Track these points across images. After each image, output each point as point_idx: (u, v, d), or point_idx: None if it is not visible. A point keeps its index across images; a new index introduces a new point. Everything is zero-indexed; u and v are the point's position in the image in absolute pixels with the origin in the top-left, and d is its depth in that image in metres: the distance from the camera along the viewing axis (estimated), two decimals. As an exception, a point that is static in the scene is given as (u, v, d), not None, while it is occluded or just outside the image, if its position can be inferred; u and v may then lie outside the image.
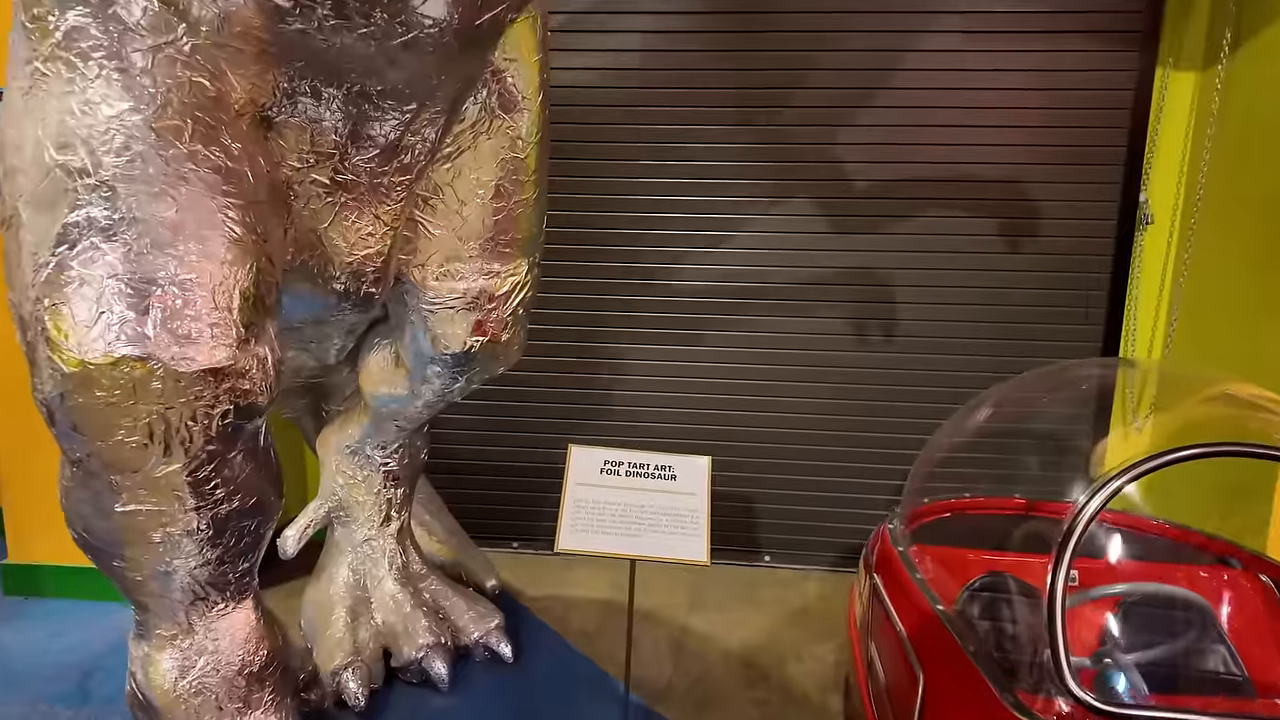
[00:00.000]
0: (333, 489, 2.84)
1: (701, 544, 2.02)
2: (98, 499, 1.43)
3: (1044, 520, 2.55)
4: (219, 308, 1.38)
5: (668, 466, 2.13)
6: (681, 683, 2.93)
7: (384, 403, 2.58)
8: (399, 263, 2.10)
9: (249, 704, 1.74)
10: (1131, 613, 1.93)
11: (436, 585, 2.94)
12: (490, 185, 2.06)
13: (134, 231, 1.31)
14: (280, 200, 1.64)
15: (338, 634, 2.66)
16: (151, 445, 1.37)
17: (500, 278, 2.20)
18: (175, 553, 1.54)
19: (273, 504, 1.70)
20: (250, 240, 1.46)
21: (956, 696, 1.65)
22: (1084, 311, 3.60)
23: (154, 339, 1.31)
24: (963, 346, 3.70)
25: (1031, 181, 3.54)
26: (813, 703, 2.82)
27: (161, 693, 1.65)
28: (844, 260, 3.69)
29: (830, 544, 3.93)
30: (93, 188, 1.30)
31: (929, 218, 3.61)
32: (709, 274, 3.78)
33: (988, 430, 2.50)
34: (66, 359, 1.27)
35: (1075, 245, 3.57)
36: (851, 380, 3.79)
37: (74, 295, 1.27)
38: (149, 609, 1.63)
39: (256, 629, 1.76)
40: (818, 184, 3.63)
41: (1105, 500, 1.53)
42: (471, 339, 2.25)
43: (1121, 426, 3.08)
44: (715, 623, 3.38)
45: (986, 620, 1.88)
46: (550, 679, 2.70)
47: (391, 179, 1.86)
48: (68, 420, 1.32)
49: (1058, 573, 1.45)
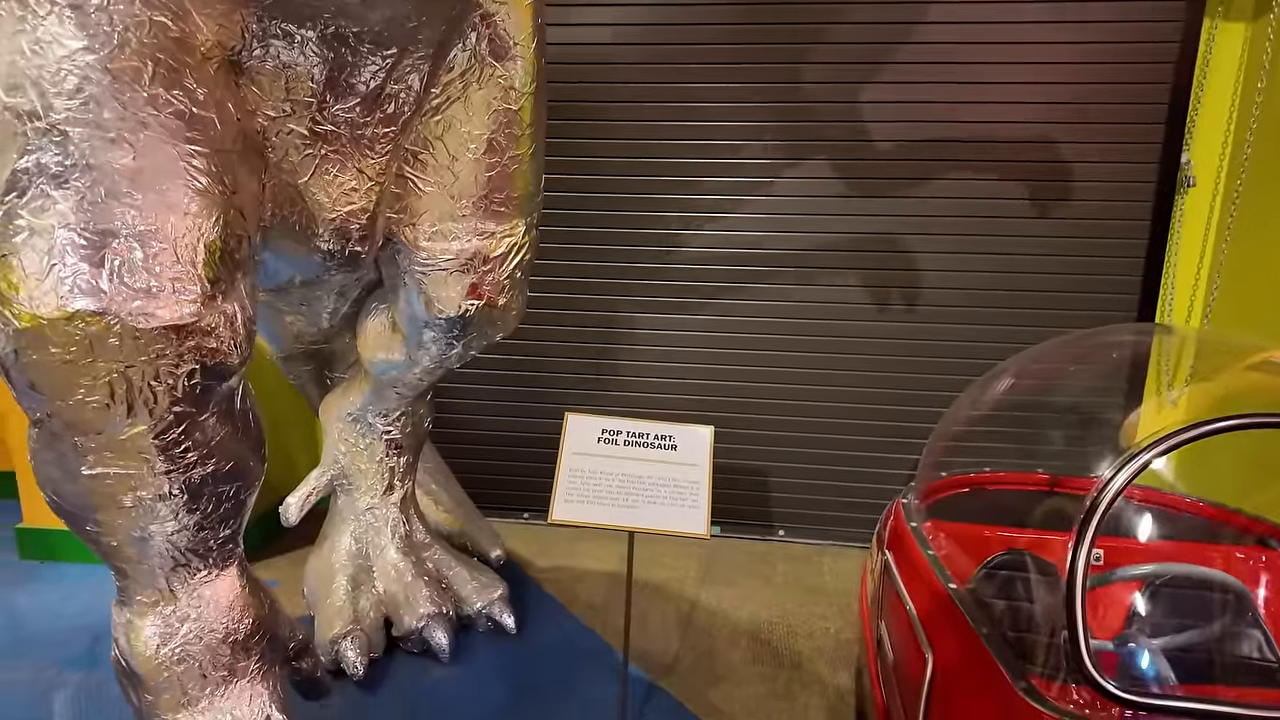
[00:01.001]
0: (335, 456, 2.80)
1: (701, 517, 1.93)
2: (63, 461, 1.38)
3: (1068, 497, 2.42)
4: (181, 261, 1.30)
5: (668, 436, 2.04)
6: (688, 657, 2.87)
7: (382, 369, 2.52)
8: (389, 222, 2.02)
9: (234, 672, 1.69)
10: (1160, 595, 1.81)
11: (440, 555, 2.91)
12: (482, 139, 1.96)
13: (87, 179, 1.23)
14: (254, 151, 1.56)
15: (338, 602, 2.64)
16: (114, 405, 1.31)
17: (495, 238, 2.11)
18: (150, 518, 1.49)
19: (253, 469, 1.64)
20: (217, 191, 1.38)
21: (966, 680, 1.55)
22: (1117, 279, 3.42)
23: (110, 293, 1.24)
24: (987, 315, 3.54)
25: (1064, 141, 3.35)
26: (822, 680, 2.75)
27: (144, 659, 1.61)
28: (862, 225, 3.54)
29: (846, 519, 3.83)
30: (43, 131, 1.22)
31: (953, 180, 3.44)
32: (720, 239, 3.65)
33: (1009, 402, 2.37)
34: (18, 313, 1.21)
35: (1110, 209, 3.38)
36: (869, 351, 3.66)
37: (24, 246, 1.21)
38: (128, 575, 1.59)
39: (241, 596, 1.71)
40: (835, 145, 3.48)
41: (1133, 474, 1.41)
42: (467, 302, 2.16)
43: (1156, 396, 2.92)
44: (724, 597, 3.31)
45: (1002, 600, 1.77)
46: (553, 651, 2.65)
47: (375, 131, 1.77)
48: (24, 379, 1.26)
49: (1079, 549, 1.34)
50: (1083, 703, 1.30)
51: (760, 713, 2.56)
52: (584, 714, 2.30)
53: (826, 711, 2.58)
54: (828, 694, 2.67)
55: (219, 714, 1.66)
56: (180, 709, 1.63)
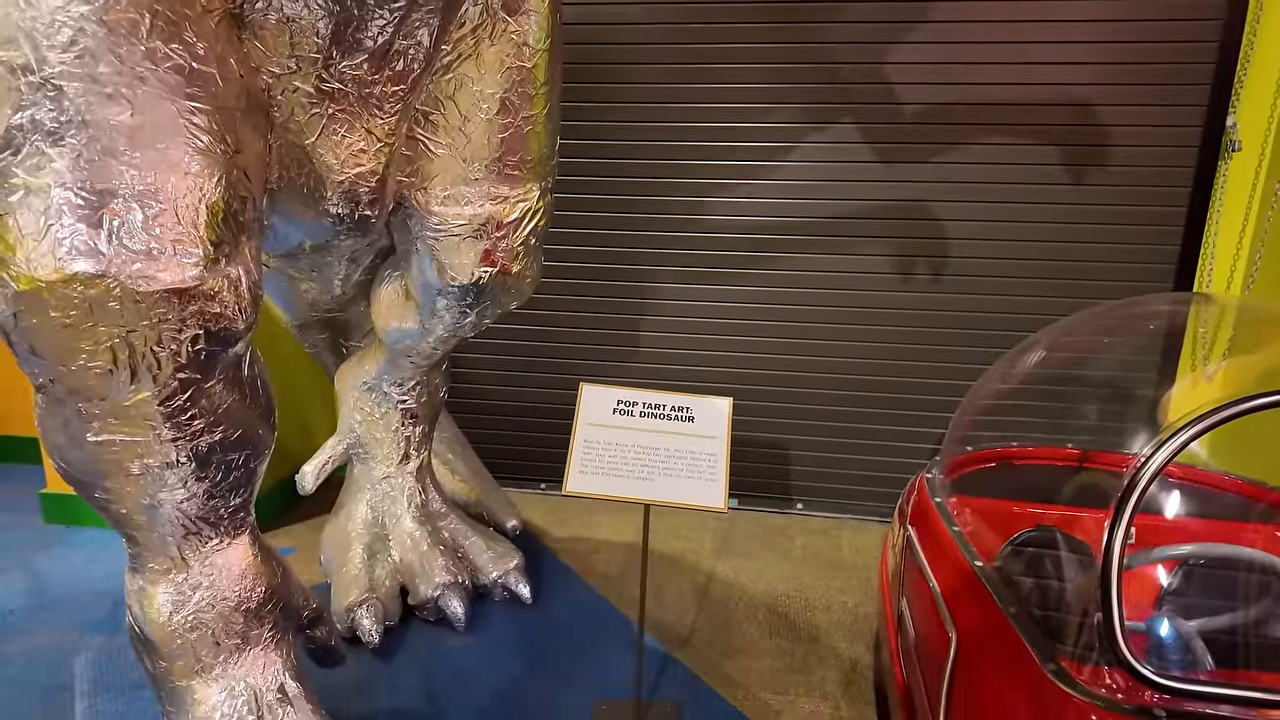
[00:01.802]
0: (351, 425, 2.79)
1: (719, 490, 1.88)
2: (69, 427, 1.36)
3: (1099, 473, 2.35)
4: (182, 223, 1.26)
5: (685, 408, 1.99)
6: (704, 628, 2.85)
7: (396, 338, 2.48)
8: (400, 185, 1.96)
9: (247, 640, 1.69)
10: (1194, 575, 1.75)
11: (456, 524, 2.90)
12: (495, 98, 1.89)
13: (83, 136, 1.19)
14: (258, 109, 1.51)
15: (354, 570, 2.64)
16: (116, 371, 1.28)
17: (509, 203, 2.05)
18: (158, 486, 1.47)
19: (262, 438, 1.61)
20: (219, 150, 1.33)
21: (991, 660, 1.50)
22: (1154, 249, 3.29)
23: (109, 255, 1.20)
24: (1017, 286, 3.44)
25: (1102, 104, 3.20)
26: (839, 654, 2.72)
27: (157, 626, 1.61)
28: (888, 192, 3.43)
29: (867, 493, 3.78)
30: (37, 86, 1.18)
31: (984, 144, 3.31)
32: (742, 206, 3.56)
33: (1039, 375, 2.29)
34: (16, 276, 1.17)
35: (1149, 175, 3.25)
36: (894, 322, 3.57)
37: (20, 205, 1.17)
38: (140, 543, 1.58)
39: (253, 565, 1.70)
40: (863, 108, 3.36)
41: (1175, 451, 1.34)
42: (480, 270, 2.11)
43: (1192, 370, 2.82)
44: (741, 570, 3.28)
45: (1030, 579, 1.72)
46: (568, 621, 2.64)
47: (384, 89, 1.71)
48: (24, 343, 1.23)
49: (1116, 528, 1.28)
50: (1115, 687, 1.25)
51: (776, 685, 2.54)
52: (599, 683, 2.29)
53: (843, 685, 2.55)
54: (844, 668, 2.64)
55: (233, 681, 1.65)
56: (194, 675, 1.63)
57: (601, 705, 2.20)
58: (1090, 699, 1.23)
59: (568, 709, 2.20)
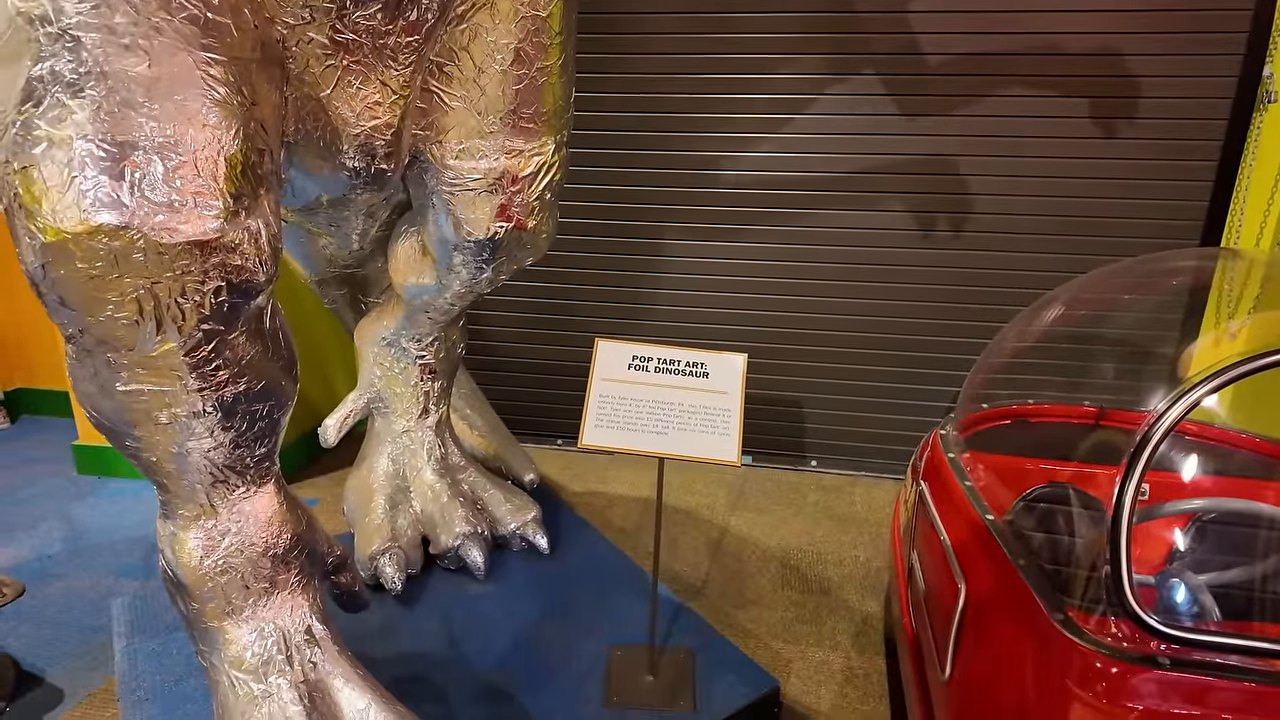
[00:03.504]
0: (371, 380, 2.83)
1: (732, 444, 1.90)
2: (98, 377, 1.39)
3: (1116, 431, 2.34)
4: (202, 175, 1.27)
5: (700, 364, 2.00)
6: (717, 580, 2.91)
7: (413, 294, 2.50)
8: (415, 138, 1.96)
9: (275, 584, 1.75)
10: (1207, 531, 1.75)
11: (475, 477, 2.95)
12: (509, 49, 1.87)
13: (102, 88, 1.20)
14: (274, 61, 1.50)
15: (376, 520, 2.70)
16: (143, 322, 1.30)
17: (524, 157, 2.04)
18: (186, 435, 1.51)
19: (284, 389, 1.64)
20: (236, 102, 1.33)
21: (999, 610, 1.53)
22: (1182, 205, 3.22)
23: (132, 206, 1.21)
24: (1039, 243, 3.39)
25: (1132, 53, 3.11)
26: (850, 606, 2.77)
27: (189, 570, 1.66)
28: (909, 145, 3.37)
29: (881, 450, 3.79)
30: (55, 37, 1.18)
31: (1009, 97, 3.24)
32: (759, 161, 3.52)
33: (1057, 332, 2.27)
34: (43, 227, 1.19)
35: (1180, 128, 3.16)
36: (912, 279, 3.54)
37: (44, 157, 1.18)
38: (170, 490, 1.63)
39: (279, 512, 1.75)
40: (881, 59, 3.28)
41: (1190, 407, 1.34)
42: (495, 224, 2.11)
43: (1216, 327, 2.78)
44: (755, 524, 3.33)
45: (1041, 533, 1.73)
46: (584, 571, 2.70)
47: (398, 40, 1.69)
48: (54, 294, 1.26)
49: (1127, 481, 1.28)
50: (1121, 636, 1.27)
51: (787, 635, 2.60)
52: (614, 630, 2.36)
53: (853, 636, 2.60)
54: (855, 619, 2.69)
55: (262, 622, 1.72)
56: (225, 617, 1.69)
57: (616, 651, 2.27)
58: (1096, 647, 1.26)
59: (583, 654, 2.26)
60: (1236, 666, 1.20)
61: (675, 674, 2.16)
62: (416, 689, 2.13)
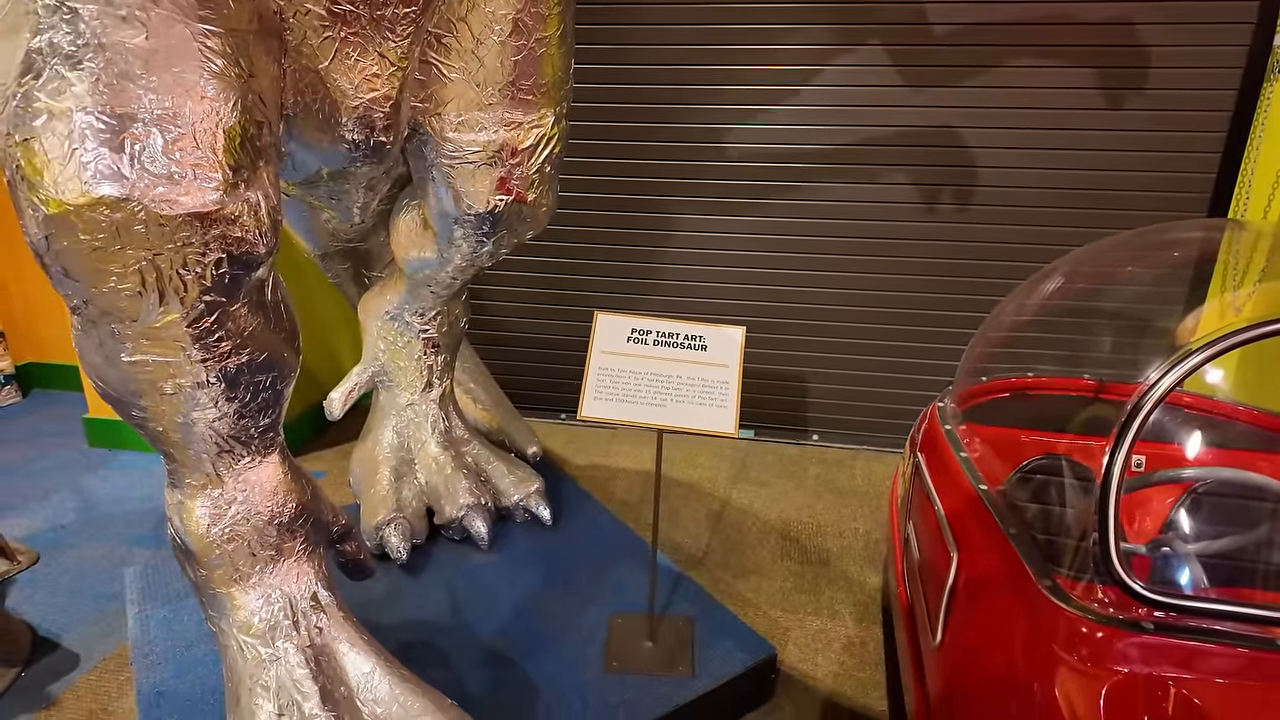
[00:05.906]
0: (375, 354, 2.86)
1: (729, 416, 1.92)
2: (104, 348, 1.42)
3: (1114, 404, 2.35)
4: (201, 147, 1.28)
5: (698, 337, 2.01)
6: (717, 550, 2.95)
7: (415, 267, 2.52)
8: (415, 111, 1.96)
9: (281, 552, 1.79)
10: (1202, 501, 1.77)
11: (479, 450, 2.98)
12: (507, 19, 1.86)
13: (101, 59, 1.20)
14: (271, 32, 1.51)
15: (382, 491, 2.75)
16: (146, 293, 1.32)
17: (523, 129, 2.04)
18: (191, 405, 1.53)
19: (287, 360, 1.66)
20: (233, 74, 1.34)
21: (990, 578, 1.55)
22: (1188, 177, 3.19)
23: (133, 179, 1.23)
24: (1042, 216, 3.37)
25: (1141, 22, 3.06)
26: (849, 577, 2.80)
27: (196, 538, 1.70)
28: (911, 118, 3.34)
29: (881, 424, 3.81)
30: (53, 9, 1.19)
31: (1015, 67, 3.20)
32: (760, 134, 3.50)
33: (1057, 305, 2.26)
34: (45, 199, 1.21)
35: (1188, 99, 3.12)
36: (918, 253, 3.53)
37: (44, 130, 1.20)
38: (176, 459, 1.66)
39: (284, 482, 1.78)
40: (886, 29, 3.24)
41: (1183, 375, 1.34)
42: (495, 198, 2.12)
43: (1219, 298, 2.76)
44: (756, 497, 3.36)
45: (1034, 505, 1.75)
46: (586, 542, 2.74)
47: (395, 11, 1.69)
48: (58, 265, 1.28)
49: (1117, 449, 1.30)
50: (1108, 602, 1.29)
51: (786, 604, 2.64)
52: (615, 599, 2.40)
53: (852, 605, 2.64)
54: (854, 590, 2.73)
55: (269, 589, 1.76)
56: (233, 583, 1.73)
57: (617, 619, 2.31)
58: (1081, 612, 1.28)
59: (585, 622, 2.31)
60: (1220, 631, 1.22)
61: (674, 640, 2.20)
62: (421, 654, 2.18)
